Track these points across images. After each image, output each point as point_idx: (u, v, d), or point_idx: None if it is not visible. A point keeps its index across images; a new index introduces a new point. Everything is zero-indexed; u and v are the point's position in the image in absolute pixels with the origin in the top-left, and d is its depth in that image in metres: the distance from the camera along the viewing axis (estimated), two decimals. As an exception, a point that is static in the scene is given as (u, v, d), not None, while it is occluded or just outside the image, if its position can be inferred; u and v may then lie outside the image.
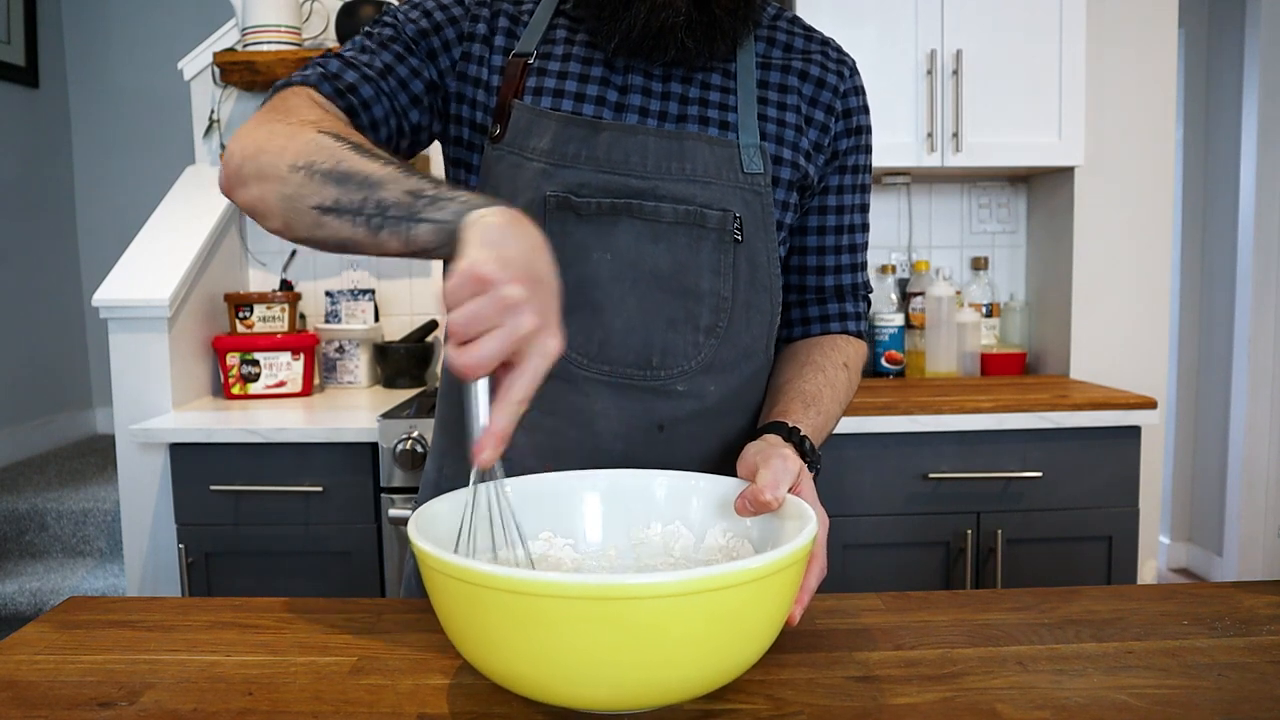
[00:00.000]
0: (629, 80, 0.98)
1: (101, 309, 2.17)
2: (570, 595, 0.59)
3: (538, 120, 0.96)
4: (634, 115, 0.97)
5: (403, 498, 1.95)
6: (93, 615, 0.91)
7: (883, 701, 0.71)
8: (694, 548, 0.85)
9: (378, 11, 2.40)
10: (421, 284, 2.65)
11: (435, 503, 0.79)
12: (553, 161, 0.95)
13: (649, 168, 0.95)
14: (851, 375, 1.07)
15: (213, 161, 2.61)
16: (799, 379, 1.02)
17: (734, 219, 0.96)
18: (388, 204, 0.74)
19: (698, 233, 0.96)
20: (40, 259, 3.55)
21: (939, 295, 2.46)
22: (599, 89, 0.98)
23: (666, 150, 0.96)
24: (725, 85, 1.00)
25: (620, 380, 0.96)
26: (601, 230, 0.95)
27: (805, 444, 0.92)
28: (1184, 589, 0.94)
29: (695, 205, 0.95)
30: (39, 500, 2.81)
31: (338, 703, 0.72)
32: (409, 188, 0.74)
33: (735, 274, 0.97)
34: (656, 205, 0.95)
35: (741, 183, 0.97)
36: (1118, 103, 2.51)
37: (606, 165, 0.95)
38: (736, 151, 0.97)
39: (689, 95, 0.99)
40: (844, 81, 1.05)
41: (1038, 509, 2.06)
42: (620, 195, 0.95)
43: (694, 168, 0.96)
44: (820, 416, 0.99)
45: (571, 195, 0.94)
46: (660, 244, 0.95)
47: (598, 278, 0.95)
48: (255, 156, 0.82)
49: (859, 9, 2.30)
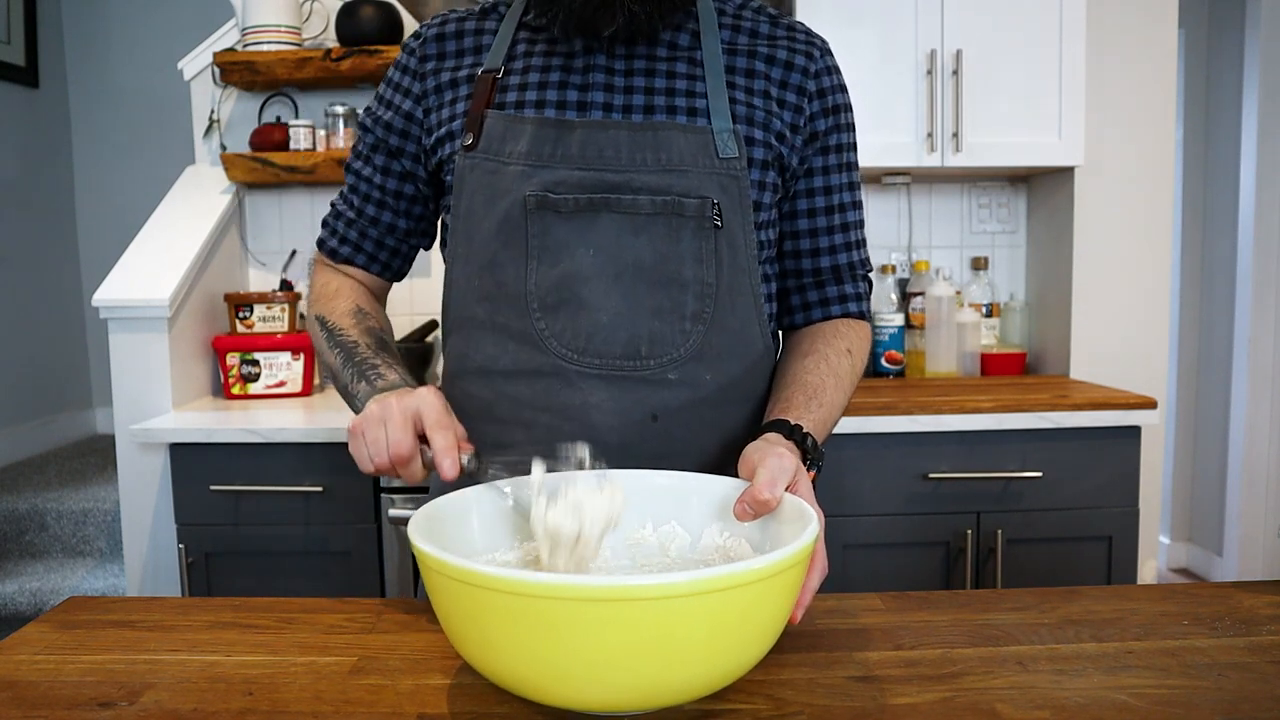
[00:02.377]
0: (590, 79, 1.00)
1: (101, 309, 2.17)
2: (572, 597, 0.59)
3: (512, 126, 0.99)
4: (599, 111, 0.99)
5: (403, 498, 1.95)
6: (93, 615, 0.91)
7: (883, 701, 0.71)
8: (690, 548, 0.85)
9: (378, 12, 2.41)
10: (421, 284, 2.65)
11: (436, 504, 0.79)
12: (530, 163, 0.97)
13: (623, 161, 0.97)
14: (855, 360, 1.08)
15: (213, 161, 2.61)
16: (803, 371, 1.03)
17: (712, 205, 0.97)
18: (343, 383, 1.02)
19: (677, 221, 0.97)
20: (40, 259, 3.55)
21: (939, 295, 2.46)
22: (558, 93, 1.00)
23: (640, 142, 0.97)
24: (692, 73, 1.01)
25: (611, 372, 0.97)
26: (582, 226, 0.97)
27: (807, 441, 0.92)
28: (1184, 589, 0.94)
29: (673, 195, 0.97)
30: (39, 500, 2.81)
31: (338, 703, 0.72)
32: (344, 381, 1.01)
33: (717, 259, 0.98)
34: (634, 197, 0.96)
35: (717, 168, 0.98)
36: (1118, 103, 2.51)
37: (581, 162, 0.97)
38: (710, 138, 0.98)
39: (654, 86, 1.00)
40: (814, 62, 1.05)
41: (1038, 509, 2.06)
42: (597, 190, 0.96)
43: (669, 157, 0.97)
44: (823, 409, 0.99)
45: (549, 194, 0.96)
46: (641, 235, 0.97)
47: (581, 273, 0.97)
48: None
49: (859, 9, 2.30)
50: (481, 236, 1.00)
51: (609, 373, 0.97)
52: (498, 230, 0.99)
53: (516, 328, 0.99)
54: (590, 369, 0.97)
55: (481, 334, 1.01)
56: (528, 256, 0.98)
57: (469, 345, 1.03)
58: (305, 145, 2.46)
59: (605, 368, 0.97)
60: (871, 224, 2.64)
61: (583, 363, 0.97)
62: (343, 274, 1.15)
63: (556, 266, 0.97)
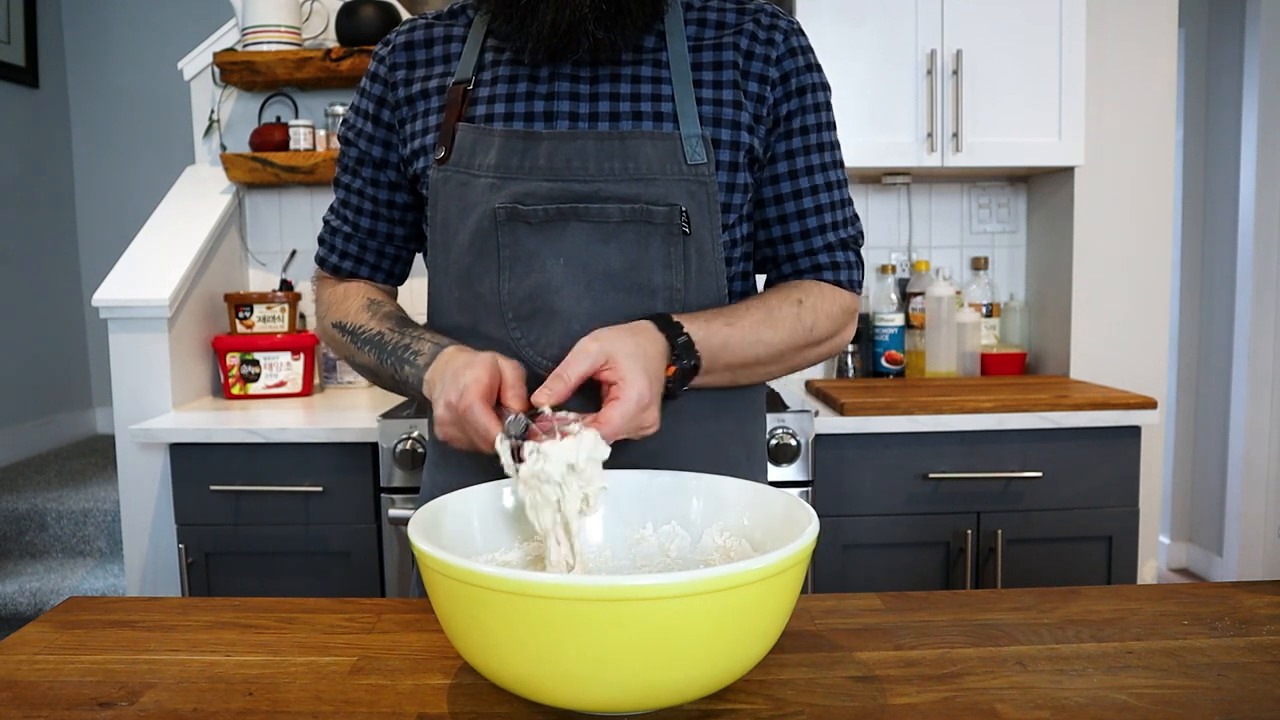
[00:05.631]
0: (554, 88, 1.00)
1: (101, 309, 2.17)
2: (572, 597, 0.59)
3: (481, 138, 0.99)
4: (565, 121, 0.99)
5: (403, 498, 1.95)
6: (93, 615, 0.91)
7: (883, 701, 0.71)
8: (690, 548, 0.85)
9: (378, 12, 2.41)
10: (420, 284, 2.64)
11: (436, 504, 0.79)
12: (499, 175, 0.98)
13: (591, 171, 0.97)
14: (804, 312, 1.04)
15: (213, 161, 2.61)
16: (733, 301, 1.05)
17: (680, 213, 0.97)
18: (387, 375, 1.03)
19: (646, 229, 0.97)
20: (40, 259, 3.55)
21: (939, 295, 2.46)
22: (525, 104, 1.00)
23: (608, 151, 0.97)
24: (657, 75, 1.01)
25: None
26: (551, 236, 0.97)
27: (679, 339, 0.93)
28: (1184, 589, 0.94)
29: (641, 203, 0.97)
30: (39, 500, 2.81)
31: (338, 703, 0.72)
32: (389, 373, 1.03)
33: (686, 265, 0.99)
34: (602, 206, 0.97)
35: (685, 174, 0.98)
36: (1118, 103, 2.51)
37: (549, 173, 0.97)
38: (679, 144, 0.98)
39: (620, 92, 1.00)
40: (775, 48, 1.04)
41: (1038, 509, 2.06)
42: (565, 200, 0.97)
43: (636, 166, 0.97)
44: (730, 329, 0.99)
45: (519, 205, 0.97)
46: (610, 244, 0.97)
47: (552, 282, 0.97)
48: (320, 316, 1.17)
49: (859, 9, 2.30)
50: (457, 248, 1.01)
51: None
52: (470, 242, 0.99)
53: (496, 337, 1.00)
54: None
55: (466, 343, 1.01)
56: (500, 267, 0.98)
57: None
58: (305, 145, 2.46)
59: None
60: (871, 224, 2.64)
61: None
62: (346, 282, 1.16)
63: (528, 277, 0.98)
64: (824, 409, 2.11)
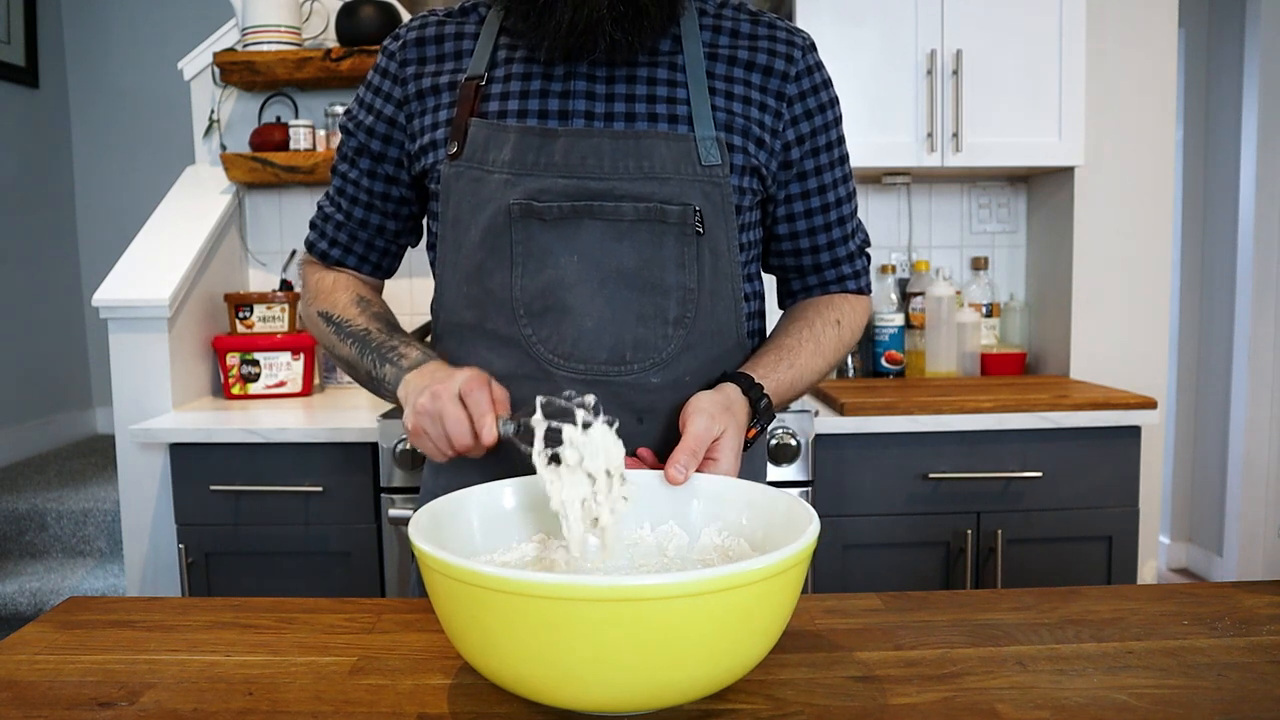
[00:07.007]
0: (570, 86, 1.01)
1: (101, 309, 2.17)
2: (572, 597, 0.59)
3: (496, 134, 0.99)
4: (581, 120, 0.99)
5: (403, 498, 1.95)
6: (93, 615, 0.91)
7: (883, 701, 0.71)
8: (689, 547, 0.85)
9: (378, 11, 2.41)
10: (421, 284, 2.65)
11: (436, 504, 0.79)
12: (514, 171, 0.98)
13: (606, 169, 0.97)
14: (843, 331, 1.11)
15: (213, 161, 2.61)
16: (783, 334, 1.08)
17: (694, 212, 0.98)
18: (364, 370, 1.04)
19: (660, 228, 0.98)
20: (40, 259, 3.55)
21: (939, 295, 2.46)
22: (540, 102, 1.00)
23: (623, 150, 0.98)
24: (673, 79, 1.02)
25: (596, 378, 0.98)
26: (565, 233, 0.97)
27: (761, 403, 0.97)
28: (1184, 589, 0.94)
29: (655, 202, 0.97)
30: (39, 500, 2.81)
31: (338, 703, 0.72)
32: (365, 368, 1.03)
33: (699, 265, 0.99)
34: (617, 205, 0.97)
35: (700, 175, 0.99)
36: (1118, 103, 2.51)
37: (564, 170, 0.97)
38: (693, 145, 0.99)
39: (636, 93, 1.00)
40: (794, 64, 1.05)
41: (1038, 509, 2.06)
42: (580, 198, 0.97)
43: (651, 165, 0.98)
44: (793, 370, 1.04)
45: (533, 201, 0.97)
46: (624, 242, 0.97)
47: (565, 280, 0.98)
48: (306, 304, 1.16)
49: (859, 9, 2.30)
50: (468, 244, 1.01)
51: (594, 378, 0.98)
52: (483, 238, 0.99)
53: (505, 334, 1.00)
54: (576, 374, 0.98)
55: (473, 339, 1.02)
56: (513, 264, 0.98)
57: (460, 350, 1.03)
58: (305, 145, 2.46)
59: (590, 373, 0.98)
60: (871, 224, 2.64)
61: (568, 368, 0.98)
62: (335, 270, 1.16)
63: (541, 273, 0.98)
64: (824, 409, 2.11)
